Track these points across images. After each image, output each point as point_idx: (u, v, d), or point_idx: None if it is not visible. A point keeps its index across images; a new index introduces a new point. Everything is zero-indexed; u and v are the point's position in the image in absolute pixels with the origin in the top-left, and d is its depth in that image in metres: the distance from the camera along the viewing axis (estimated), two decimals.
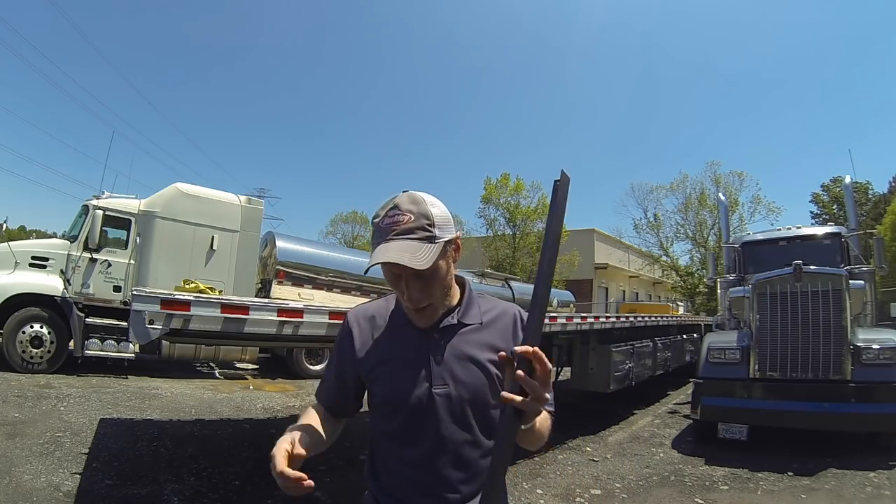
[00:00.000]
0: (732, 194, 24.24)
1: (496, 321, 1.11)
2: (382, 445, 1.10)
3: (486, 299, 1.16)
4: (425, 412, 1.03)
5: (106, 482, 3.62)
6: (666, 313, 12.86)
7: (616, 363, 6.14)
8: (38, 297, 7.14)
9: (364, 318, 1.16)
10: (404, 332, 1.08)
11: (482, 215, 25.81)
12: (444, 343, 1.06)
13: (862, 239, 7.51)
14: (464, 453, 1.03)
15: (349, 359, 1.13)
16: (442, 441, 1.02)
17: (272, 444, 0.96)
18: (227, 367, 9.49)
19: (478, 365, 1.05)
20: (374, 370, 1.09)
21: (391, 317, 1.13)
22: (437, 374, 1.04)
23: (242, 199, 8.77)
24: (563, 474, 4.53)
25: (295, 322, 2.83)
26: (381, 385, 1.09)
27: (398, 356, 1.07)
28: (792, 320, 5.27)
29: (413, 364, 1.05)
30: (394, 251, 0.95)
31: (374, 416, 1.12)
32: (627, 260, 30.21)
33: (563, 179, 0.84)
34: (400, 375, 1.06)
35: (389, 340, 1.10)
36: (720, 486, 4.27)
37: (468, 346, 1.06)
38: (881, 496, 4.02)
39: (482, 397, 1.04)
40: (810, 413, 5.00)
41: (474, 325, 1.09)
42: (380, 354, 1.09)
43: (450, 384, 1.03)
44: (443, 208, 1.03)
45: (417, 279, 0.98)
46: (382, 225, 1.00)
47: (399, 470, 1.06)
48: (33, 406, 5.39)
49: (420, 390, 1.03)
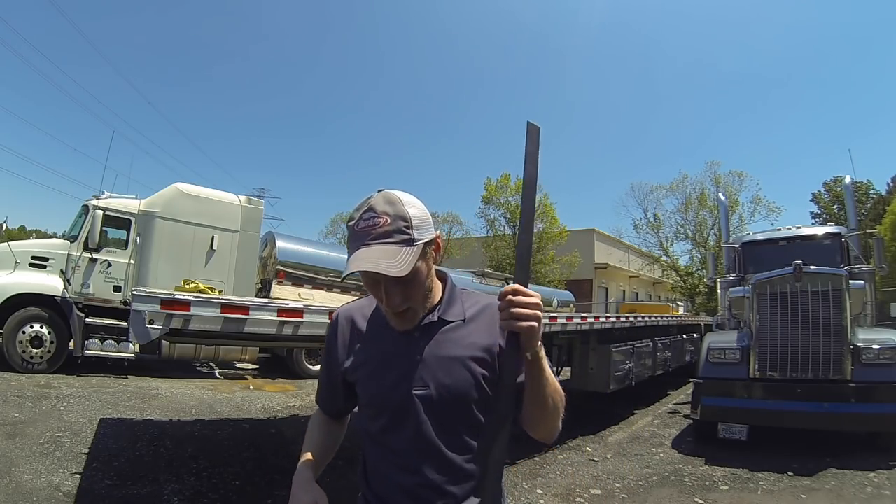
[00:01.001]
0: (732, 194, 24.24)
1: (480, 315, 1.07)
2: (369, 447, 1.08)
3: (469, 294, 1.12)
4: (406, 414, 1.00)
5: (106, 482, 3.62)
6: (666, 313, 12.86)
7: (616, 363, 6.14)
8: (38, 297, 7.14)
9: (348, 317, 1.14)
10: (385, 331, 1.05)
11: (482, 215, 25.90)
12: (424, 343, 1.03)
13: (862, 239, 7.51)
14: (448, 456, 1.00)
15: (335, 359, 1.12)
16: (425, 444, 0.99)
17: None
18: (227, 367, 9.49)
19: (461, 364, 1.01)
20: (357, 371, 1.08)
21: (373, 316, 1.11)
22: (418, 376, 1.01)
23: (242, 199, 8.78)
24: (563, 474, 4.53)
25: (295, 322, 2.84)
26: (362, 386, 1.07)
27: (379, 357, 1.05)
28: (792, 320, 5.27)
29: (393, 365, 1.03)
30: (370, 258, 0.91)
31: (361, 417, 1.11)
32: (627, 260, 30.21)
33: (531, 128, 0.97)
34: (380, 377, 1.04)
35: (371, 340, 1.08)
36: (720, 486, 4.27)
37: (450, 344, 1.03)
38: (881, 496, 4.02)
39: (465, 398, 1.00)
40: (810, 413, 5.00)
41: (456, 322, 1.05)
42: (362, 355, 1.08)
43: (430, 385, 1.00)
44: (421, 207, 1.00)
45: (396, 284, 0.95)
46: (358, 229, 0.96)
47: (386, 473, 1.04)
48: (33, 406, 5.39)
49: (400, 392, 1.01)
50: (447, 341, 1.03)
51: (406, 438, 1.01)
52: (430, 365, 1.01)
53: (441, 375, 1.01)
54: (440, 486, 0.99)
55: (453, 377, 1.01)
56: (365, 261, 0.91)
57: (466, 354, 1.02)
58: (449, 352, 1.02)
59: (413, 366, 1.02)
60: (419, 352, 1.02)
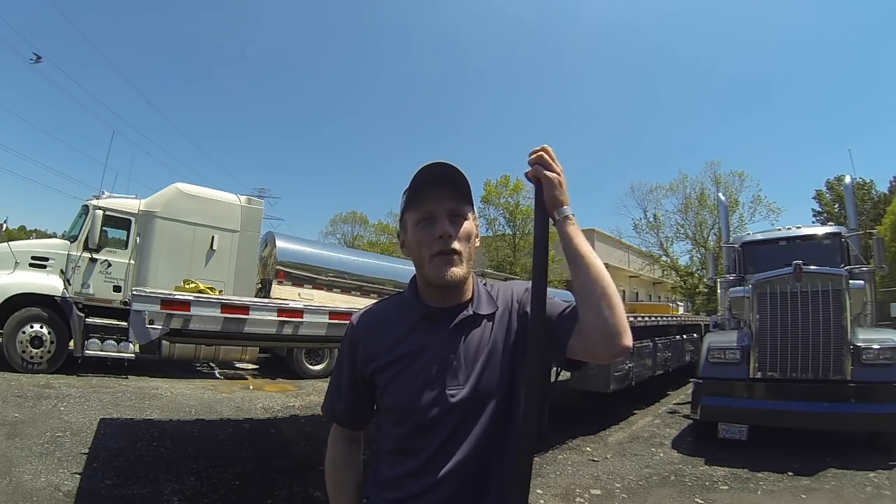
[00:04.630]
0: (732, 194, 24.24)
1: (510, 298, 1.06)
2: (387, 454, 1.04)
3: (490, 284, 1.12)
4: (438, 418, 0.96)
5: (106, 482, 3.62)
6: (666, 313, 12.84)
7: (616, 363, 6.13)
8: (38, 297, 7.14)
9: (368, 321, 1.09)
10: (415, 332, 1.01)
11: (482, 215, 25.87)
12: (458, 340, 0.99)
13: (862, 239, 7.51)
14: (475, 460, 0.96)
15: (357, 365, 1.06)
16: (454, 448, 0.95)
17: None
18: (227, 367, 9.49)
19: (497, 359, 0.98)
20: (384, 373, 1.02)
21: (400, 317, 1.05)
22: (452, 375, 0.97)
23: (242, 199, 8.78)
24: (563, 474, 4.53)
25: (295, 322, 2.84)
26: (391, 390, 1.02)
27: (408, 357, 1.00)
28: (792, 320, 5.27)
29: (425, 365, 0.98)
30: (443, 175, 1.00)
31: (381, 422, 1.06)
32: (627, 260, 30.24)
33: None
34: (411, 378, 0.99)
35: (398, 342, 1.02)
36: (720, 486, 4.27)
37: (486, 339, 1.00)
38: (881, 496, 4.02)
39: (503, 395, 0.97)
40: (810, 413, 4.99)
41: (490, 313, 1.03)
42: (388, 357, 1.02)
43: (467, 385, 0.96)
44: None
45: (454, 217, 1.00)
46: (427, 171, 1.00)
47: (402, 480, 0.99)
48: (33, 406, 5.39)
49: (432, 394, 0.96)
50: (483, 336, 1.01)
51: (433, 443, 0.96)
52: (466, 363, 0.98)
53: (480, 373, 0.98)
54: (461, 492, 0.96)
55: (492, 373, 0.98)
56: (438, 169, 1.00)
57: (501, 348, 1.00)
58: (485, 347, 1.00)
59: (447, 365, 0.98)
60: (454, 349, 0.99)
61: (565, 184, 0.96)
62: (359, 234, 35.76)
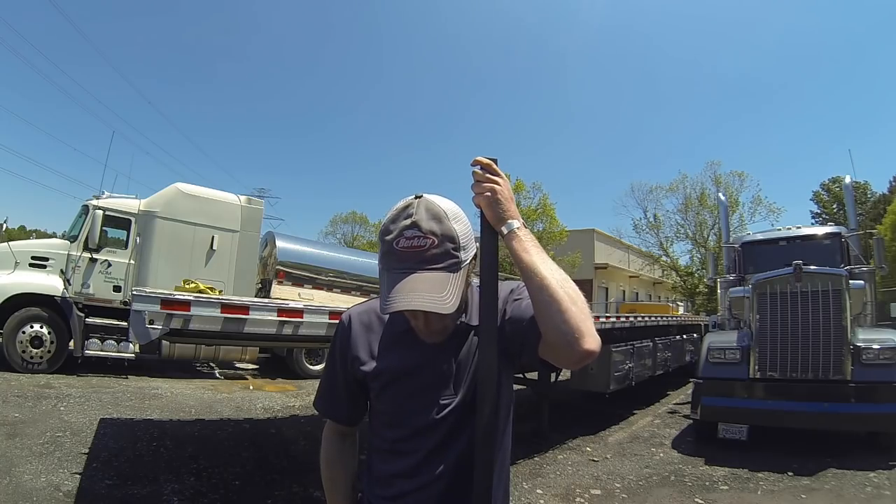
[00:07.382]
0: (732, 194, 24.22)
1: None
2: (379, 454, 1.03)
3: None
4: (430, 426, 0.95)
5: (106, 482, 3.62)
6: (666, 313, 12.85)
7: (616, 363, 6.14)
8: (38, 297, 7.13)
9: (363, 320, 1.06)
10: (407, 337, 0.99)
11: None
12: (452, 351, 0.97)
13: (862, 239, 7.51)
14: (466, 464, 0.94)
15: (350, 363, 1.05)
16: (446, 454, 0.95)
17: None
18: (227, 367, 9.49)
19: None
20: (377, 379, 1.00)
21: (392, 320, 1.02)
22: (445, 385, 0.96)
23: (242, 199, 8.78)
24: (563, 474, 4.53)
25: (295, 322, 2.84)
26: (384, 396, 1.01)
27: (401, 366, 0.98)
28: (792, 320, 5.27)
29: (418, 376, 0.97)
30: (417, 292, 0.82)
31: (374, 424, 1.05)
32: (627, 260, 30.21)
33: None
34: (404, 387, 0.98)
35: (392, 347, 1.01)
36: (720, 486, 4.27)
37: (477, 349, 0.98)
38: (881, 496, 4.02)
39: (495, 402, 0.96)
40: (810, 413, 5.00)
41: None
42: (382, 362, 1.00)
43: (460, 394, 0.95)
44: (465, 220, 0.92)
45: (441, 316, 0.87)
46: (398, 248, 0.86)
47: (394, 479, 0.99)
48: (33, 406, 5.39)
49: (424, 404, 0.96)
50: (473, 345, 0.98)
51: (425, 446, 0.96)
52: (459, 373, 0.96)
53: (469, 382, 0.96)
54: (452, 491, 0.96)
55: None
56: (412, 295, 0.82)
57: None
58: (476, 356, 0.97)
59: (440, 376, 0.96)
60: (446, 361, 0.97)
61: (506, 194, 0.89)
62: (359, 234, 35.84)
